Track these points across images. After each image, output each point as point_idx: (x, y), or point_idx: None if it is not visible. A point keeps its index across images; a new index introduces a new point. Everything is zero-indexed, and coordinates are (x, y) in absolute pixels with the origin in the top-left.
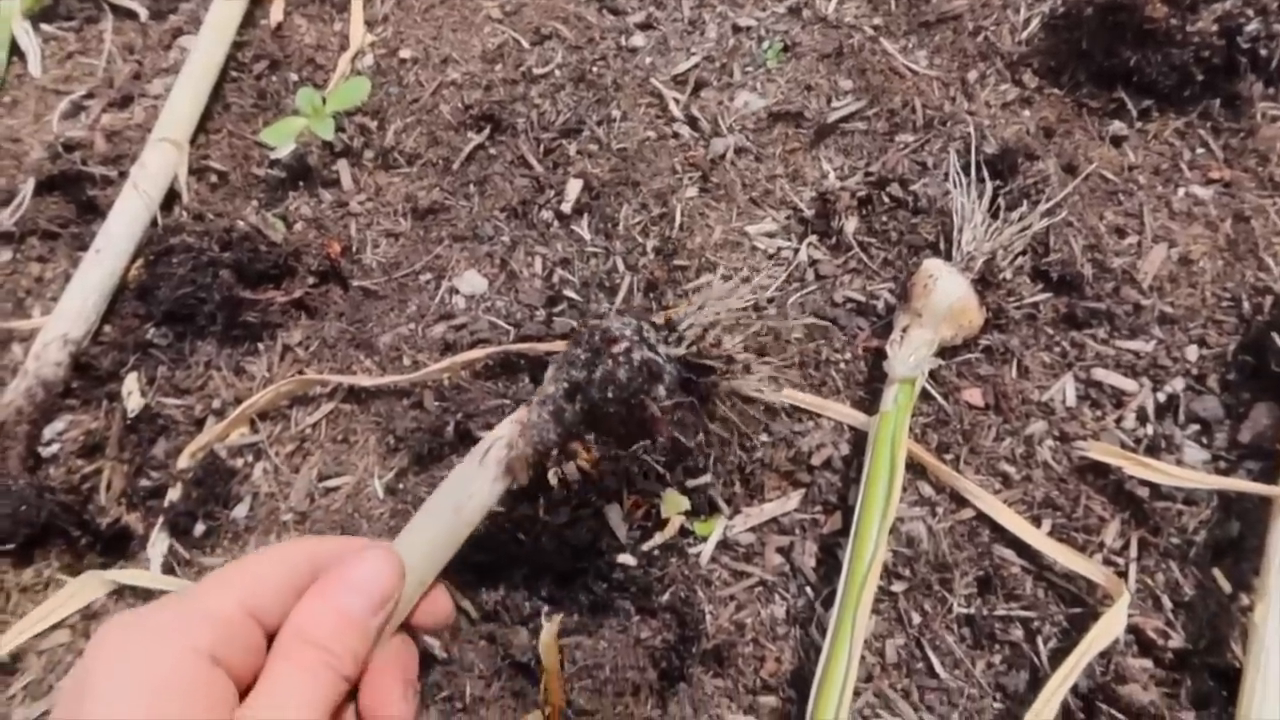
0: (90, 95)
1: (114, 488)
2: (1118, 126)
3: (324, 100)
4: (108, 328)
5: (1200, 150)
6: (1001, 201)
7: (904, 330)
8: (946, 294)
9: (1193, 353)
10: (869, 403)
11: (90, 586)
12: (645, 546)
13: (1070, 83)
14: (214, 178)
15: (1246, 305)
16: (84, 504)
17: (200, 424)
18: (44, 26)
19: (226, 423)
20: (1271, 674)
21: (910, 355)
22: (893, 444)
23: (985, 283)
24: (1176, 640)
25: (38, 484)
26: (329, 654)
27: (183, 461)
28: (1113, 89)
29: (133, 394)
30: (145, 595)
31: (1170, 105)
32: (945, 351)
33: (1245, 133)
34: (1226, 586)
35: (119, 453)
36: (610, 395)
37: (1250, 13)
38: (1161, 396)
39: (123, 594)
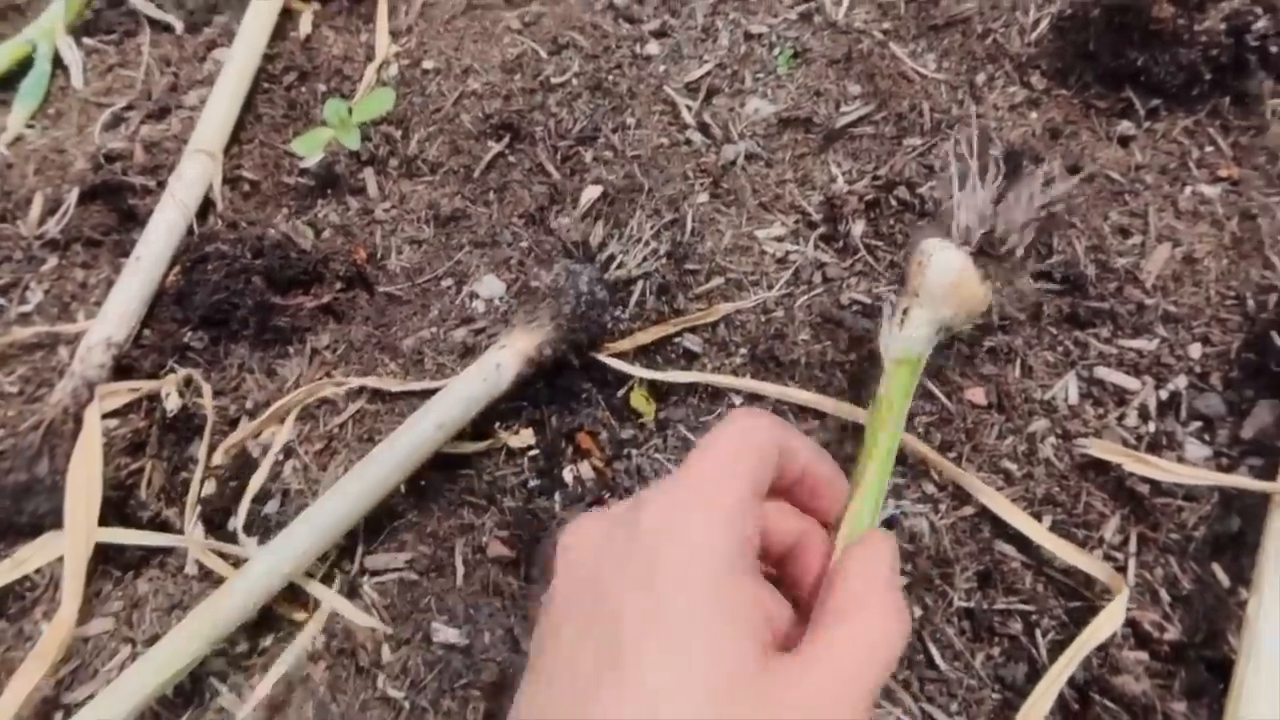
0: (130, 107)
1: (154, 484)
2: (1125, 126)
3: (350, 111)
4: (148, 331)
5: (1209, 148)
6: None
7: (904, 312)
8: (942, 270)
9: (1196, 351)
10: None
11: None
12: None
13: (1078, 84)
14: (247, 186)
15: (1251, 303)
16: (126, 499)
17: (234, 423)
18: (85, 40)
19: (258, 422)
20: (1263, 665)
21: (909, 333)
22: (878, 426)
23: (987, 256)
24: (1173, 633)
25: None
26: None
27: (217, 459)
28: (1120, 89)
29: (171, 395)
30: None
31: (1179, 104)
32: (955, 342)
33: (1255, 130)
34: (1225, 581)
35: (159, 450)
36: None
37: (1259, 10)
38: (1164, 394)
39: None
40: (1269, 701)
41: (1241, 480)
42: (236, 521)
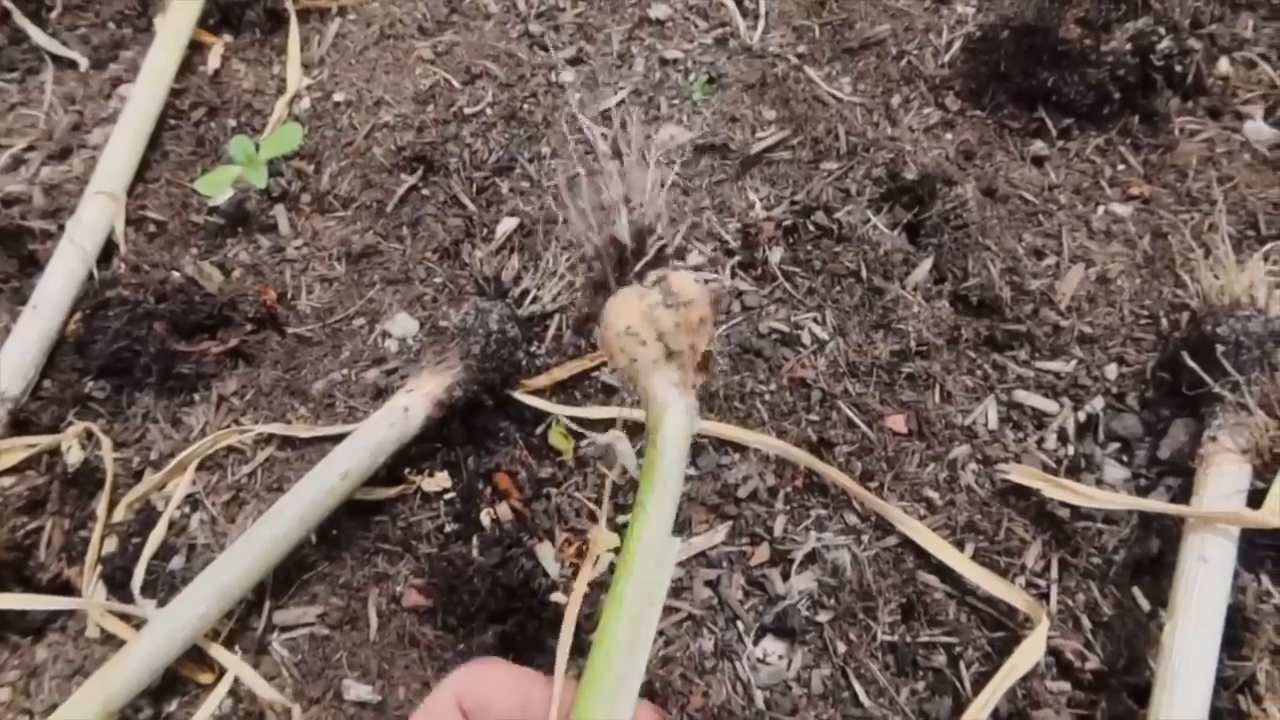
0: (31, 148)
1: (54, 543)
2: (1039, 146)
3: (257, 148)
4: (47, 382)
5: (1121, 167)
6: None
7: None
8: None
9: (1112, 371)
10: (793, 434)
11: None
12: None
13: (992, 104)
14: (152, 227)
15: (1164, 322)
16: (25, 560)
17: (139, 476)
18: None
19: (162, 474)
20: (1178, 692)
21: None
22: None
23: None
24: (1094, 662)
25: None
26: None
27: (119, 514)
28: (1033, 109)
29: (72, 448)
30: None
31: (1090, 123)
32: (875, 370)
33: (1164, 148)
34: (1145, 605)
35: (60, 507)
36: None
37: (1162, 31)
38: (1082, 416)
39: None
40: None
41: (1156, 504)
42: (136, 581)
